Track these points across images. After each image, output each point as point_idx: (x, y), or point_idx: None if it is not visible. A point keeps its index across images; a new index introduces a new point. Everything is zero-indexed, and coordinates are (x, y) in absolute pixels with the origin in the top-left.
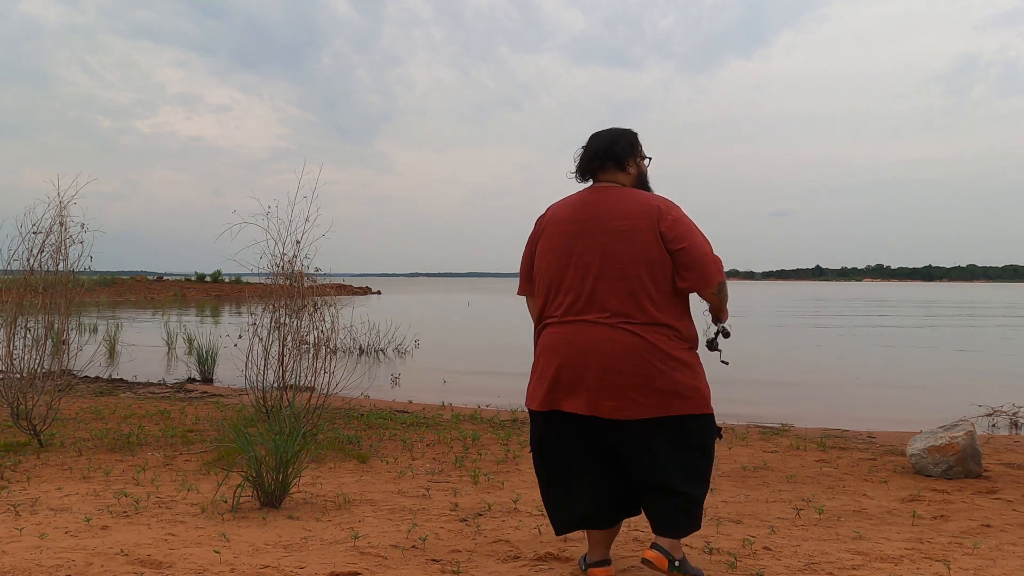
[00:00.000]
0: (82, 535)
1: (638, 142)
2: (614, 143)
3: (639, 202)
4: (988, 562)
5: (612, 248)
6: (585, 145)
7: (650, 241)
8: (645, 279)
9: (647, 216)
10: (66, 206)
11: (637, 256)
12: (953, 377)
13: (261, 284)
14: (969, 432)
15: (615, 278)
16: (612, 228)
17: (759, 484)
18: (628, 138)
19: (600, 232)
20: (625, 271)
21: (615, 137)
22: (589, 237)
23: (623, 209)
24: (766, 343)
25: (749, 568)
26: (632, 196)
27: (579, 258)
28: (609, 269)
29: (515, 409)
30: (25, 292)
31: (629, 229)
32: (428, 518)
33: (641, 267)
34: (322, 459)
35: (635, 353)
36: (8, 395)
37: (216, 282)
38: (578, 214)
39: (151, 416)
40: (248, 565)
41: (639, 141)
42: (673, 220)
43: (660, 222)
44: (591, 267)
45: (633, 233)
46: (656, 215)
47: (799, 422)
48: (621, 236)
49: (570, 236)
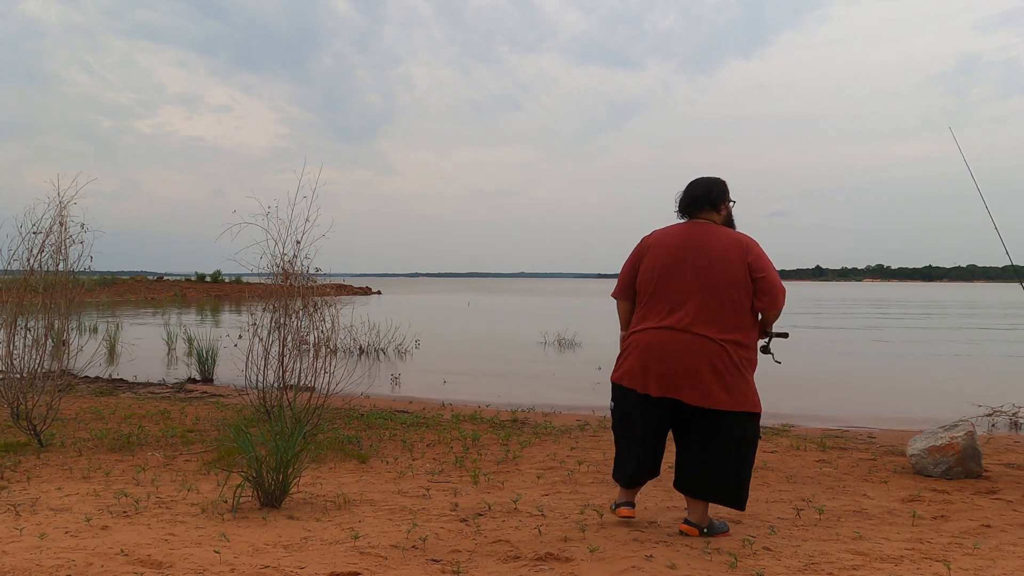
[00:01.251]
0: (82, 535)
1: (727, 189)
2: (710, 190)
3: (731, 238)
4: (988, 562)
5: (710, 271)
6: (686, 188)
7: (739, 269)
8: (733, 298)
9: (738, 250)
10: (66, 206)
11: (729, 279)
12: (953, 377)
13: (261, 284)
14: (969, 432)
15: (710, 295)
16: (710, 256)
17: (759, 484)
18: (721, 186)
19: (700, 258)
20: (719, 290)
21: (711, 184)
22: (691, 261)
23: (719, 242)
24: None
25: (749, 568)
26: (725, 232)
27: (681, 276)
28: (706, 288)
29: (515, 409)
30: (25, 292)
31: (724, 259)
32: (428, 518)
33: (731, 288)
34: (322, 459)
35: (718, 358)
36: (8, 395)
37: (216, 282)
38: (683, 242)
39: (151, 416)
40: (248, 565)
41: (727, 188)
42: (756, 255)
43: (747, 255)
44: (691, 285)
45: (727, 262)
46: (744, 249)
47: (799, 422)
48: (718, 263)
49: (675, 259)
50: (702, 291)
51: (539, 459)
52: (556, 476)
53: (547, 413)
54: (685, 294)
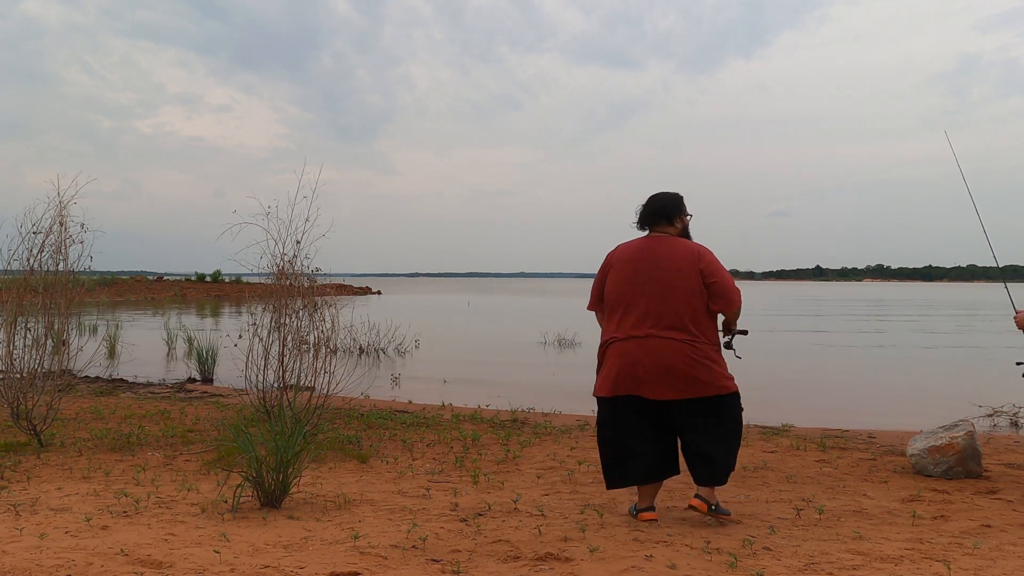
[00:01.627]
0: (82, 535)
1: (683, 204)
2: (666, 205)
3: (685, 248)
4: (988, 562)
5: (668, 281)
6: (645, 203)
7: (694, 277)
8: (691, 303)
9: (691, 259)
10: (66, 206)
11: (685, 287)
12: (953, 377)
13: (261, 284)
14: (969, 432)
15: (670, 302)
16: (667, 267)
17: (759, 484)
18: (676, 201)
19: (658, 269)
20: (677, 297)
21: (667, 200)
22: (649, 273)
23: (675, 253)
24: (766, 343)
25: (749, 568)
26: (680, 244)
27: (642, 287)
28: (665, 296)
29: (515, 409)
30: (25, 292)
31: (679, 268)
32: (428, 518)
33: (688, 295)
34: (322, 459)
35: (684, 356)
36: (8, 395)
37: (216, 282)
38: (641, 255)
39: (151, 416)
40: (248, 565)
41: (684, 203)
42: (708, 261)
43: (699, 263)
44: (652, 294)
45: (682, 271)
46: (696, 258)
47: (799, 422)
48: (674, 273)
49: (635, 271)
50: (662, 299)
51: (539, 459)
52: (556, 476)
53: (547, 413)
54: (647, 304)
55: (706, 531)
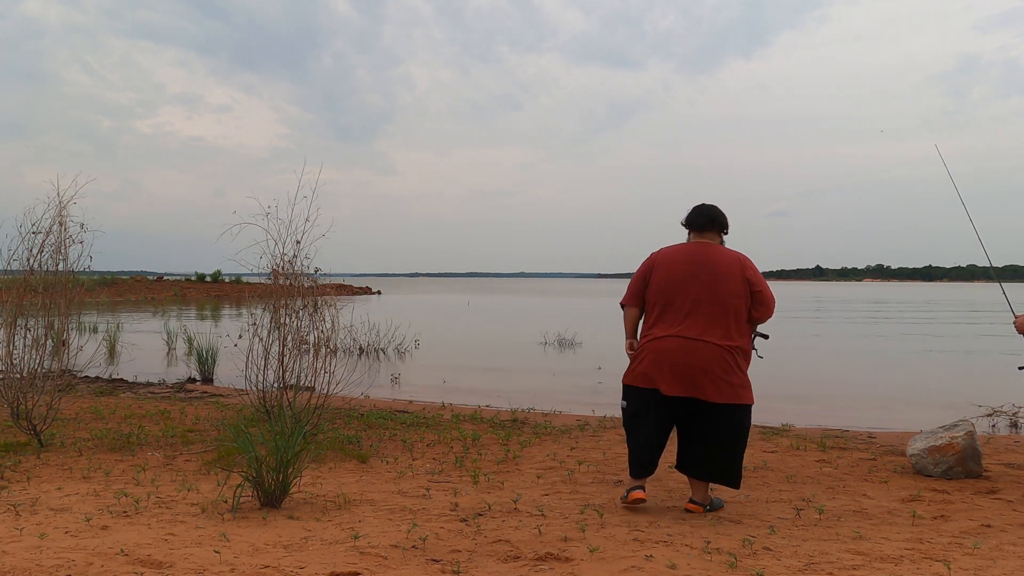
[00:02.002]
0: (82, 535)
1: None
2: (720, 215)
3: (732, 256)
4: (988, 562)
5: (715, 285)
6: (698, 208)
7: (740, 283)
8: (735, 308)
9: (738, 266)
10: (66, 206)
11: (731, 292)
12: (953, 377)
13: (261, 284)
14: (969, 432)
15: (716, 306)
16: (715, 272)
17: (759, 484)
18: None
19: (706, 273)
20: (723, 301)
21: (721, 212)
22: (698, 275)
23: (722, 260)
24: (766, 343)
25: (749, 568)
26: (726, 251)
27: (690, 289)
28: (713, 299)
29: (515, 409)
30: (25, 292)
31: (727, 274)
32: (428, 518)
33: (733, 299)
34: (322, 459)
35: (722, 360)
36: (8, 395)
37: (216, 282)
38: (691, 258)
39: (151, 416)
40: (248, 565)
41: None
42: (752, 271)
43: (745, 271)
44: (699, 297)
45: (729, 277)
46: (742, 266)
47: (799, 422)
48: (722, 278)
49: (685, 273)
50: (709, 302)
51: (539, 459)
52: (556, 476)
53: (547, 413)
54: (694, 304)
55: (706, 531)
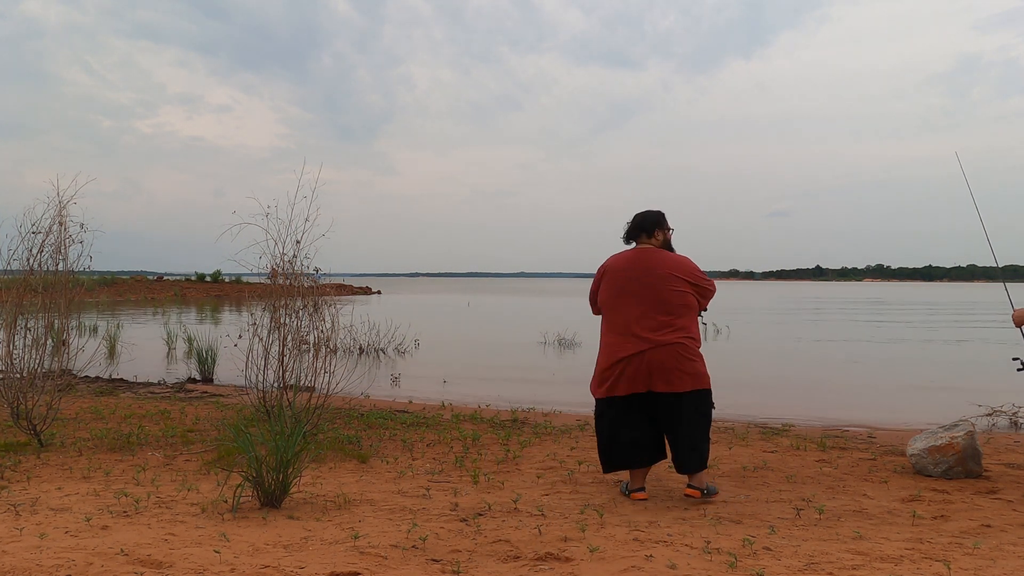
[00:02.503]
0: (82, 535)
1: (664, 220)
2: (646, 220)
3: (670, 259)
4: (988, 562)
5: (656, 287)
6: (630, 220)
7: (679, 282)
8: (678, 303)
9: (675, 268)
10: (65, 206)
11: (672, 290)
12: (953, 377)
13: (261, 284)
14: (969, 432)
15: (658, 305)
16: (655, 275)
17: (759, 484)
18: (656, 217)
19: (646, 277)
20: (665, 300)
21: (648, 216)
22: (639, 280)
23: (660, 263)
24: (766, 343)
25: (749, 568)
26: (664, 255)
27: (633, 293)
28: (655, 300)
29: (515, 409)
30: (25, 292)
31: (666, 275)
32: (428, 518)
33: (675, 296)
34: (322, 459)
35: (676, 354)
36: (8, 395)
37: (216, 282)
38: (631, 264)
39: (151, 416)
40: (248, 565)
41: (665, 219)
42: (689, 269)
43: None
44: (644, 298)
45: (669, 278)
46: (679, 267)
47: (799, 422)
48: (661, 280)
49: (627, 279)
50: (652, 303)
51: (539, 459)
52: (556, 476)
53: (547, 413)
54: (638, 307)
55: (706, 531)
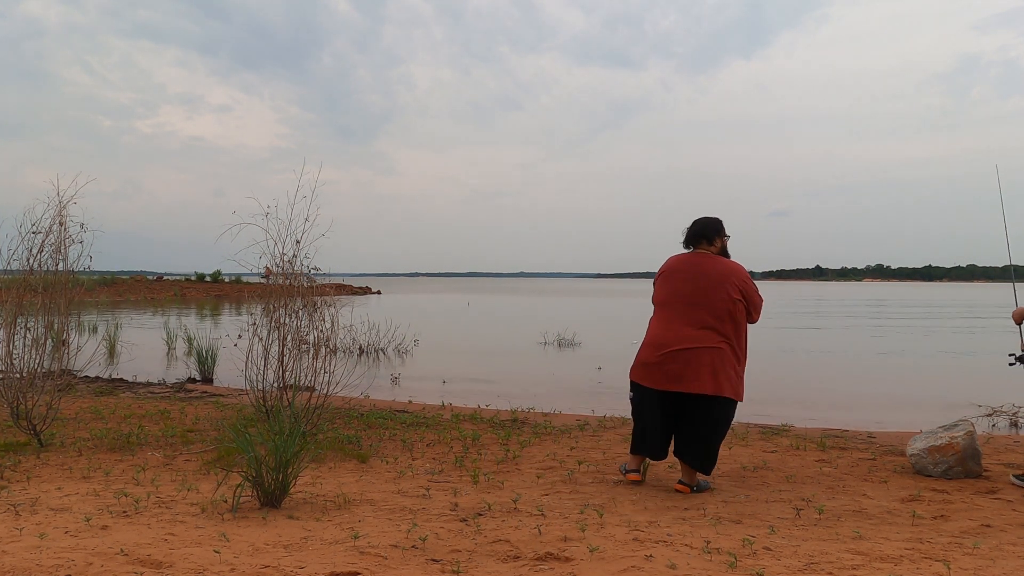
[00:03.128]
0: (82, 535)
1: (722, 227)
2: (707, 228)
3: (725, 266)
4: (988, 562)
5: (708, 292)
6: (690, 225)
7: (732, 290)
8: (727, 310)
9: (730, 276)
10: (65, 206)
11: (723, 298)
12: (953, 377)
13: (261, 284)
14: (969, 432)
15: (707, 309)
16: (709, 280)
17: (759, 484)
18: (716, 225)
19: (701, 279)
20: (714, 306)
21: (708, 223)
22: (692, 281)
23: (715, 269)
24: (766, 343)
25: (749, 568)
26: (721, 261)
27: (686, 295)
28: (705, 304)
29: (515, 409)
30: (25, 292)
31: (720, 282)
32: (428, 518)
33: (725, 303)
34: (322, 459)
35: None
36: (8, 395)
37: (216, 282)
38: (688, 267)
39: (151, 416)
40: (248, 565)
41: (723, 226)
42: (743, 279)
43: (735, 279)
44: (694, 301)
45: (722, 284)
46: (732, 274)
47: (799, 422)
48: (715, 286)
49: (683, 281)
50: (702, 306)
51: (539, 459)
52: (556, 476)
53: (547, 413)
54: (689, 308)
55: (706, 531)
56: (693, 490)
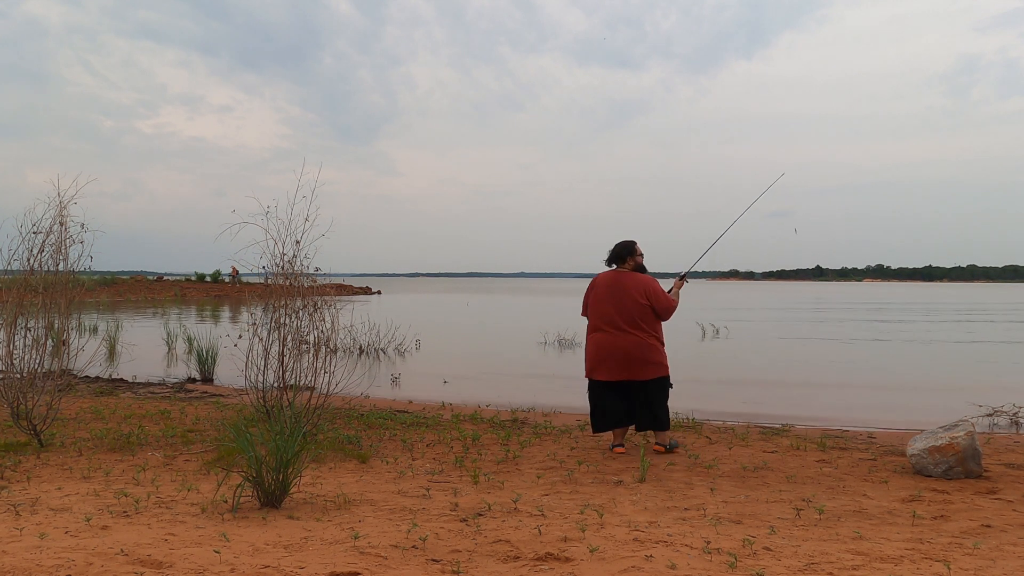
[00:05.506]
0: (82, 535)
1: (635, 248)
2: (621, 251)
3: (637, 280)
4: (988, 562)
5: (625, 301)
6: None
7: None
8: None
9: (641, 288)
10: (66, 206)
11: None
12: (953, 377)
13: (261, 284)
14: (969, 432)
15: (626, 315)
16: (626, 292)
17: (759, 484)
18: (629, 247)
19: (619, 292)
20: (631, 312)
21: (623, 247)
22: (614, 295)
23: (631, 284)
24: (766, 344)
25: (749, 568)
26: (634, 277)
27: (610, 302)
28: (623, 311)
29: (515, 409)
30: (25, 292)
31: (634, 294)
32: (428, 518)
33: (638, 310)
34: (322, 459)
35: (641, 345)
36: (8, 395)
37: (216, 282)
38: (610, 282)
39: (151, 416)
40: (248, 565)
41: (636, 246)
42: (652, 291)
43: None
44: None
45: (635, 295)
46: (644, 287)
47: (799, 422)
48: (629, 295)
49: (607, 293)
50: (621, 313)
51: (539, 459)
52: (556, 476)
53: (547, 413)
54: (613, 315)
55: (706, 531)
56: (667, 449)
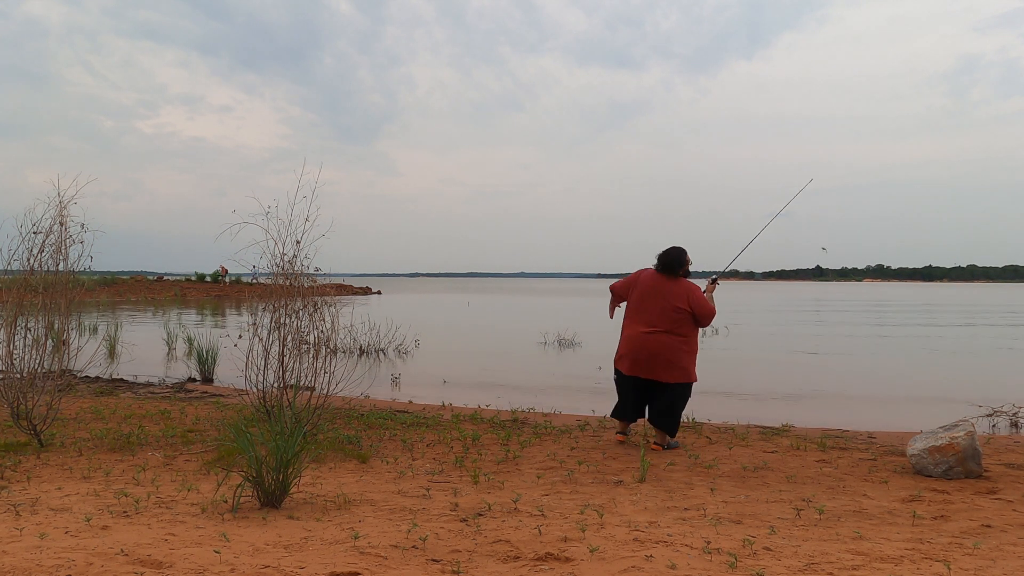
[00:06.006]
0: (82, 535)
1: (685, 257)
2: (673, 261)
3: (683, 287)
4: (988, 562)
5: (667, 302)
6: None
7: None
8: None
9: (685, 294)
10: (66, 206)
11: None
12: (953, 377)
13: (261, 284)
14: (969, 432)
15: (667, 316)
16: (672, 296)
17: (759, 484)
18: (681, 257)
19: (666, 295)
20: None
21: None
22: (658, 294)
23: (676, 290)
24: (766, 344)
25: (749, 568)
26: (681, 283)
27: (652, 302)
28: (665, 313)
29: (515, 409)
30: (25, 292)
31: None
32: (428, 518)
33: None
34: (322, 459)
35: (670, 347)
36: (8, 395)
37: (216, 282)
38: (656, 284)
39: (151, 416)
40: (248, 565)
41: (686, 255)
42: (695, 298)
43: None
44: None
45: (679, 302)
46: (688, 294)
47: (799, 422)
48: (672, 301)
49: (651, 291)
50: (661, 315)
51: (539, 459)
52: (556, 476)
53: (547, 413)
54: (653, 315)
55: (706, 531)
56: (665, 448)
